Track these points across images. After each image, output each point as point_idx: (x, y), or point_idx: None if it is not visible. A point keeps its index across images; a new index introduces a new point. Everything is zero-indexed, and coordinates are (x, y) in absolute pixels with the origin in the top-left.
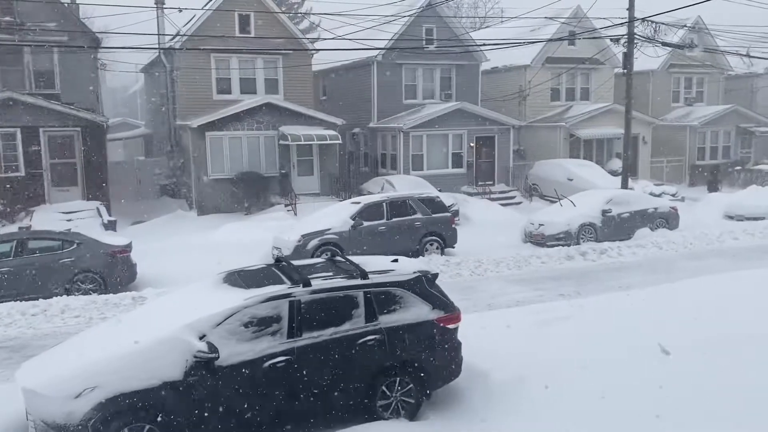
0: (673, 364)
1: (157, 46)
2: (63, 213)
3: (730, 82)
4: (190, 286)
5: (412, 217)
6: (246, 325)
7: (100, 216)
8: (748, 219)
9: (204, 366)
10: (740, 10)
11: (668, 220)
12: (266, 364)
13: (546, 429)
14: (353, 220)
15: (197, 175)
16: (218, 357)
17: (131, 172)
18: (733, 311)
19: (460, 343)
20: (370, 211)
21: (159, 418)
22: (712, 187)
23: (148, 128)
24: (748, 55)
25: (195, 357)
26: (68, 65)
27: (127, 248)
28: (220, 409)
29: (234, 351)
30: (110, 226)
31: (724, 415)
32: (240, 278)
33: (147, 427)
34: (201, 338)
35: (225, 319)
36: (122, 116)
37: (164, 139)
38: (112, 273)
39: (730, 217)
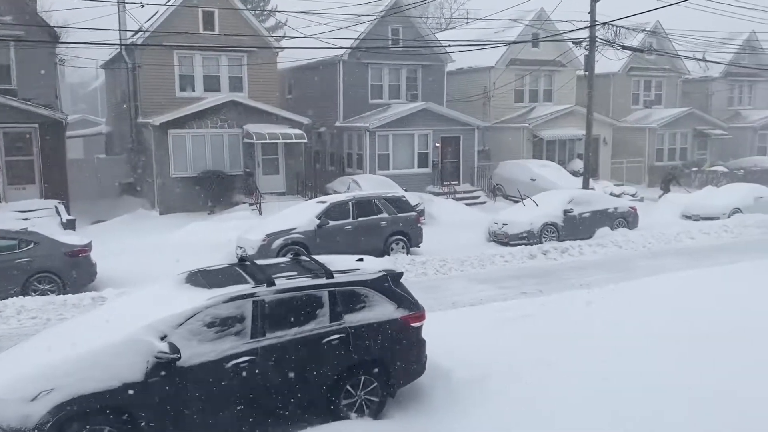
0: (628, 361)
1: (118, 41)
2: (19, 212)
3: (687, 85)
4: (151, 286)
5: (378, 216)
6: (208, 326)
7: (59, 215)
8: (704, 219)
9: (165, 367)
10: (696, 16)
11: (628, 219)
12: (229, 365)
13: (508, 426)
14: (319, 219)
15: (159, 173)
16: (180, 358)
17: (91, 170)
18: (688, 309)
19: (424, 342)
20: (335, 211)
21: (118, 420)
22: (668, 188)
23: (109, 125)
24: (704, 60)
25: (156, 358)
26: (25, 60)
27: (87, 248)
28: (183, 410)
29: (196, 351)
30: (69, 225)
31: (669, 409)
32: (202, 278)
33: (106, 429)
34: (162, 339)
35: (187, 320)
36: (82, 113)
37: (126, 136)
38: (70, 273)
39: (687, 217)
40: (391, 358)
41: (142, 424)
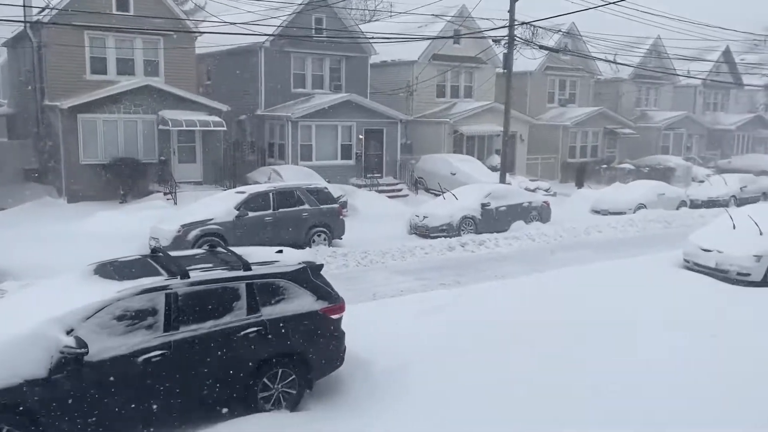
0: (537, 346)
1: (22, 18)
2: None
3: (599, 86)
4: (57, 278)
5: (300, 208)
6: (119, 319)
7: None
8: (612, 213)
9: (72, 362)
10: (609, 19)
11: (541, 213)
12: (141, 359)
13: (427, 413)
14: (237, 210)
15: (68, 159)
16: (87, 352)
17: None
18: (592, 299)
19: (343, 333)
20: (255, 201)
21: (19, 419)
22: (579, 183)
23: (12, 107)
24: (614, 62)
25: (61, 353)
26: None
27: None
28: (92, 406)
29: (106, 346)
30: None
31: (571, 392)
32: (113, 270)
33: (5, 428)
34: (69, 333)
35: (95, 313)
36: None
37: (31, 119)
38: None
39: (597, 212)
40: (310, 351)
41: (47, 422)
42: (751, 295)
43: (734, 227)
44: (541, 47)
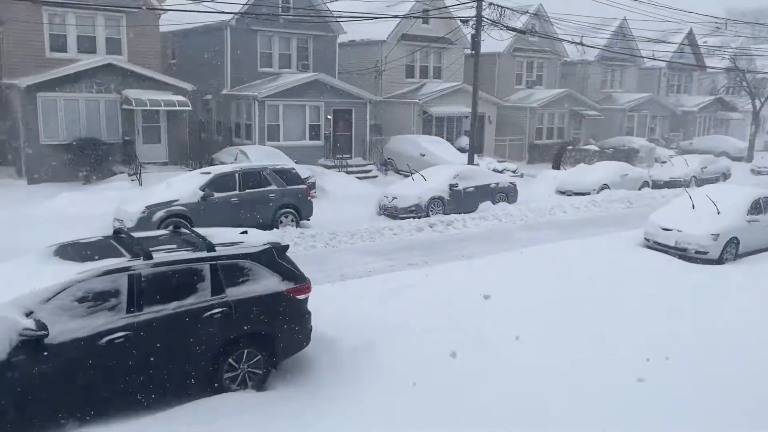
0: (501, 322)
1: None
2: None
3: (566, 67)
4: (16, 259)
5: (267, 188)
6: (80, 300)
7: None
8: (576, 194)
9: (32, 344)
10: (576, 1)
11: (508, 194)
12: (103, 341)
13: (392, 390)
14: (203, 191)
15: (27, 140)
16: (48, 334)
17: None
18: (554, 277)
19: (309, 313)
20: (221, 182)
21: None
22: (556, 165)
23: None
24: (581, 44)
25: (21, 335)
26: None
27: None
28: (53, 389)
29: (67, 328)
30: None
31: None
32: (74, 251)
33: None
34: (28, 315)
35: (55, 295)
36: None
37: None
38: None
39: (562, 192)
40: (276, 331)
41: (7, 405)
42: (706, 273)
43: (693, 207)
44: (509, 28)
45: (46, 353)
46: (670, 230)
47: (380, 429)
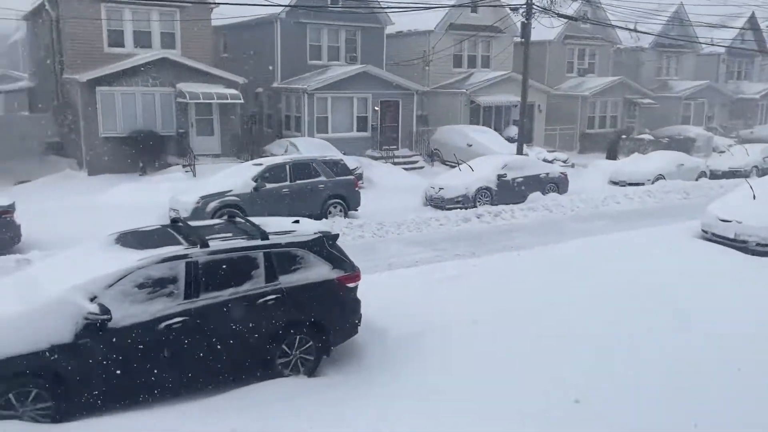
0: (550, 317)
1: None
2: None
3: (619, 54)
4: (80, 247)
5: (316, 179)
6: (140, 287)
7: None
8: (630, 184)
9: (96, 328)
10: None
11: (558, 185)
12: (162, 325)
13: (438, 380)
14: (255, 182)
15: (87, 132)
16: (111, 318)
17: (13, 129)
18: (607, 269)
19: (359, 302)
20: (272, 173)
21: (47, 383)
22: (612, 155)
23: (32, 81)
24: (635, 30)
25: (86, 319)
26: None
27: (10, 209)
28: (115, 371)
29: (128, 312)
30: None
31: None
32: (134, 239)
33: (34, 391)
34: (92, 300)
35: (118, 281)
36: (2, 68)
37: (50, 93)
38: None
39: (615, 183)
40: (327, 318)
41: (72, 385)
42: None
43: (755, 197)
44: (560, 15)
45: (109, 336)
46: (729, 222)
47: (427, 417)
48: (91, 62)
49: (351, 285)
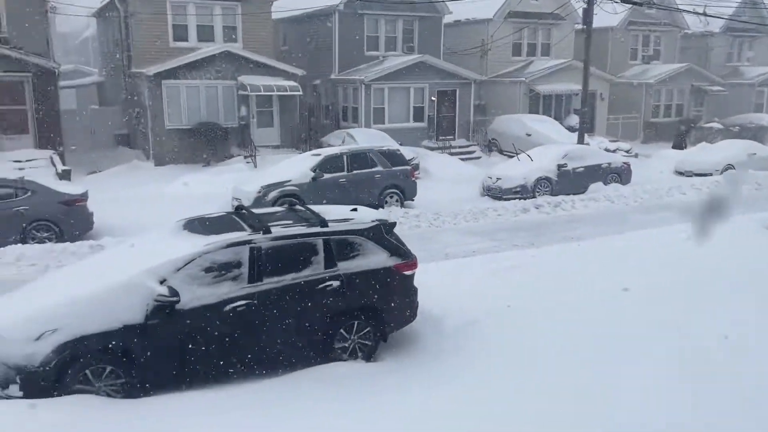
0: (609, 309)
1: None
2: (14, 161)
3: (686, 40)
4: (149, 233)
5: (373, 169)
6: (207, 270)
7: (54, 165)
8: (697, 175)
9: (165, 309)
10: None
11: (621, 175)
12: (227, 308)
13: (495, 368)
14: (314, 172)
15: (154, 124)
16: (179, 300)
17: (85, 121)
18: (670, 261)
19: (416, 289)
20: (330, 164)
21: (120, 360)
22: (680, 145)
23: (102, 76)
24: (704, 14)
25: (156, 301)
26: (16, 7)
27: (83, 197)
28: (182, 351)
29: (195, 295)
30: (64, 175)
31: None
32: (200, 225)
33: (108, 368)
34: (162, 283)
35: (186, 264)
36: (74, 63)
37: (119, 87)
38: (67, 222)
39: (681, 173)
40: (384, 304)
41: (143, 364)
42: None
43: None
44: (624, 1)
45: (177, 318)
46: None
47: (482, 406)
48: (157, 56)
49: (408, 273)
